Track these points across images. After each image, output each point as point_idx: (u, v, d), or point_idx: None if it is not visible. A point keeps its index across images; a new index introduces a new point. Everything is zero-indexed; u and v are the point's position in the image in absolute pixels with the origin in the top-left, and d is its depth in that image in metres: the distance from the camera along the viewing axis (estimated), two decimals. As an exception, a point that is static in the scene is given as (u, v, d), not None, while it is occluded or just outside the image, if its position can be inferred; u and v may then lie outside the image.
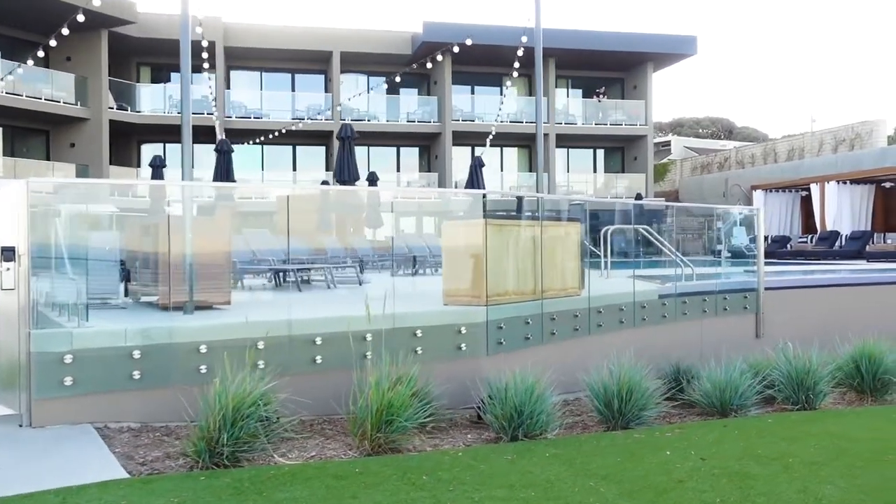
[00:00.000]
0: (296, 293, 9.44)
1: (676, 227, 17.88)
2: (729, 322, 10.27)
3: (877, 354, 7.11)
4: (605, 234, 12.15)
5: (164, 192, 7.96)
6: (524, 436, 5.31)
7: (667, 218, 16.78)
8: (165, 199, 8.18)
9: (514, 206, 14.76)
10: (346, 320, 6.11)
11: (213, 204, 10.20)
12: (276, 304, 9.39)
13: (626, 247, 22.71)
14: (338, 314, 6.37)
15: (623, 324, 8.72)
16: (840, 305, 11.14)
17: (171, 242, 6.36)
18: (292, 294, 9.42)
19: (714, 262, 13.54)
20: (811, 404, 6.67)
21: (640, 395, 5.85)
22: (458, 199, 11.78)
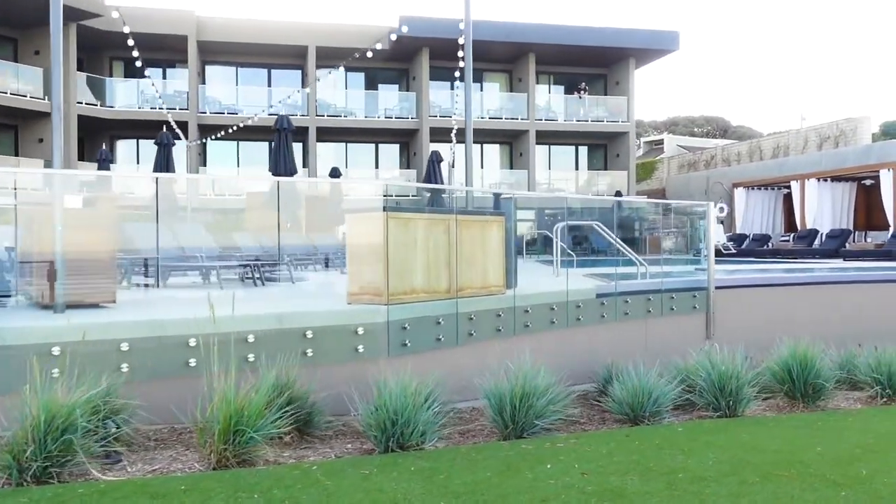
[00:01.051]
0: (215, 291, 8.98)
1: (638, 225, 17.45)
2: (677, 322, 9.82)
3: (809, 358, 6.66)
4: (556, 230, 11.71)
5: (52, 180, 7.48)
6: (398, 447, 4.87)
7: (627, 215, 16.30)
8: (46, 190, 7.70)
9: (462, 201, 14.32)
10: (229, 321, 5.68)
11: (94, 196, 9.74)
12: (171, 303, 8.83)
13: (580, 244, 22.39)
14: (221, 314, 5.92)
15: (555, 324, 8.27)
16: (798, 305, 10.70)
17: (43, 236, 5.92)
18: (201, 292, 8.93)
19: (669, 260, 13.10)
20: (733, 411, 6.23)
21: (536, 402, 5.40)
22: (366, 191, 11.26)
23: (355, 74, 30.66)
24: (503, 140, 31.63)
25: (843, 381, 7.57)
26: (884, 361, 7.04)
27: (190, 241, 9.74)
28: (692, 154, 38.98)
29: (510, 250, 8.18)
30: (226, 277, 10.63)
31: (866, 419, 6.11)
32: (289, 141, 11.31)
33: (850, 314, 10.67)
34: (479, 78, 31.45)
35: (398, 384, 5.14)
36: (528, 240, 25.04)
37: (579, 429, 6.11)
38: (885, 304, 10.96)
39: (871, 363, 7.09)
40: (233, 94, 29.13)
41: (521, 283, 9.15)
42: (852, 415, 6.33)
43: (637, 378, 6.09)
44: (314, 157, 28.34)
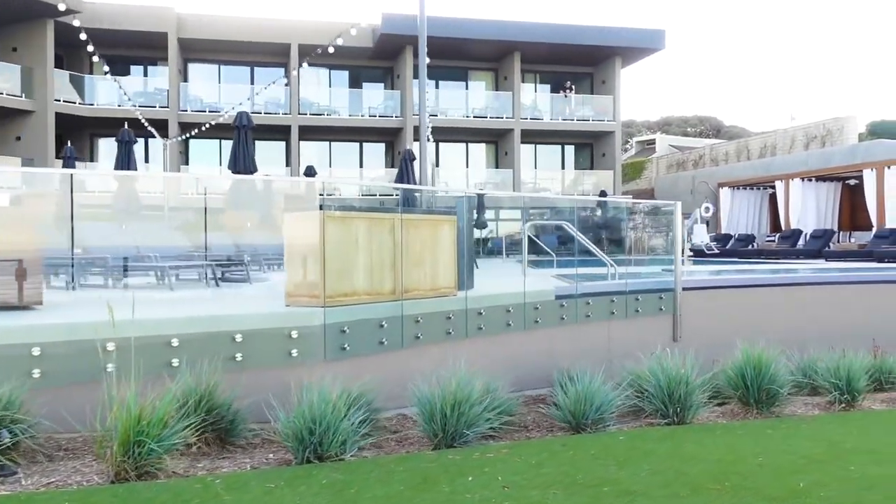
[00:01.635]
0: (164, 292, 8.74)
1: (615, 225, 17.24)
2: (642, 324, 9.59)
3: (764, 363, 6.43)
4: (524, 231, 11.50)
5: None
6: (317, 457, 4.62)
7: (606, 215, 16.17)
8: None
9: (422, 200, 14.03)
10: (155, 324, 5.44)
11: (24, 194, 9.47)
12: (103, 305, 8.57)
13: (565, 244, 22.10)
14: (149, 317, 5.66)
15: (511, 326, 8.03)
16: (769, 307, 10.47)
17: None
18: (144, 293, 8.68)
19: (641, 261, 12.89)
20: (682, 418, 6.00)
21: (469, 409, 5.16)
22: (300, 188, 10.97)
23: (339, 73, 30.39)
24: (489, 139, 31.40)
25: (804, 387, 7.36)
26: (843, 366, 6.82)
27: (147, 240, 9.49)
28: (681, 154, 38.82)
29: (464, 251, 7.95)
30: (187, 278, 10.39)
31: (819, 427, 5.88)
32: (248, 138, 11.07)
33: (822, 316, 10.45)
34: (464, 77, 31.25)
35: (321, 390, 4.89)
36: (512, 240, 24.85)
37: (524, 436, 5.88)
38: (858, 306, 10.74)
39: (830, 368, 6.86)
40: (215, 93, 28.83)
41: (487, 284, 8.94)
42: (806, 422, 6.11)
43: (582, 383, 5.84)
44: (297, 155, 28.06)
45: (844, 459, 4.86)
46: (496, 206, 27.44)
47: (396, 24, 27.15)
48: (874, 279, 10.89)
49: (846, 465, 4.72)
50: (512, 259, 20.29)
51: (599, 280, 9.79)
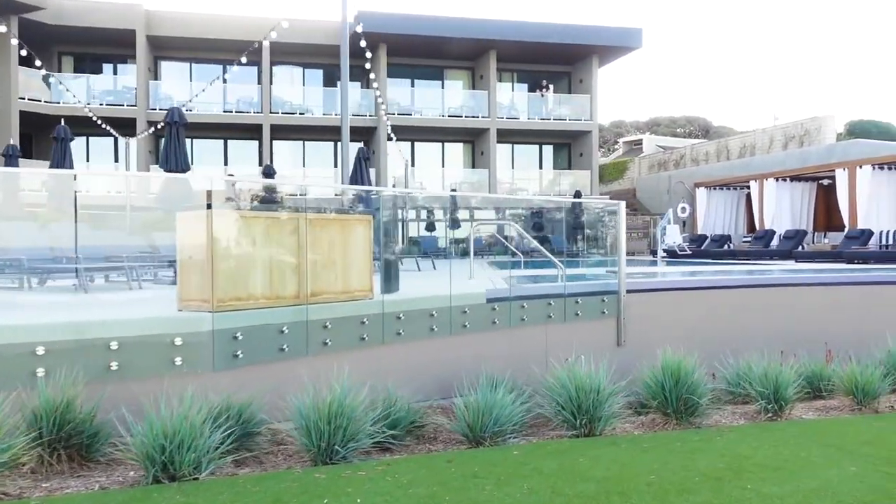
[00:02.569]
0: (78, 295, 8.37)
1: (565, 225, 16.91)
2: (584, 329, 9.23)
3: (683, 371, 6.10)
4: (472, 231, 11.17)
5: None
6: (169, 477, 4.27)
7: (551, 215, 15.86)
8: None
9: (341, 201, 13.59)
10: (14, 330, 5.08)
11: None
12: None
13: (543, 244, 21.75)
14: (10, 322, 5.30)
15: (435, 331, 7.67)
16: (718, 309, 10.14)
17: None
18: (43, 296, 8.31)
19: (587, 262, 12.56)
20: (591, 430, 5.66)
21: (348, 423, 4.81)
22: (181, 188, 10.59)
23: (313, 71, 30.01)
24: (465, 139, 31.06)
25: (738, 395, 7.04)
26: (771, 373, 6.49)
27: (59, 242, 9.10)
28: (662, 154, 38.57)
29: (386, 251, 7.61)
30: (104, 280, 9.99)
31: (735, 438, 5.54)
32: (180, 135, 10.68)
33: (773, 319, 10.12)
34: (440, 75, 30.92)
35: (181, 402, 4.54)
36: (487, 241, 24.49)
37: (426, 449, 5.55)
38: (811, 309, 10.42)
39: (759, 375, 6.53)
40: (186, 91, 28.41)
41: (415, 287, 8.59)
42: (723, 433, 5.77)
43: (483, 393, 5.50)
44: (268, 155, 27.67)
45: (744, 476, 4.53)
46: (448, 206, 26.95)
47: (371, 22, 26.75)
48: (828, 281, 10.58)
49: (743, 483, 4.39)
50: (480, 260, 19.92)
51: (548, 282, 9.49)
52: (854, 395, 6.76)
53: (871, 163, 19.13)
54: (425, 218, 25.70)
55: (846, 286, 10.38)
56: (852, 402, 6.81)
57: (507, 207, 24.02)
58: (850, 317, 10.23)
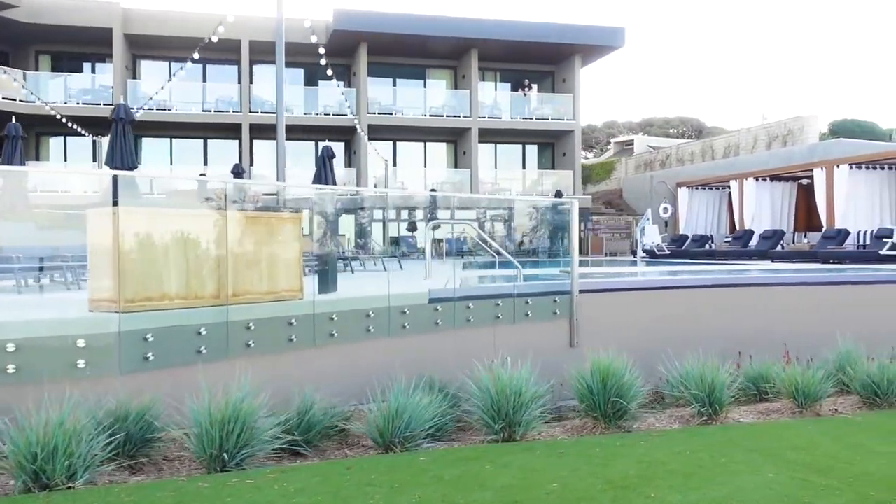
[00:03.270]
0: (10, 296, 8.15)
1: (524, 225, 16.71)
2: (535, 330, 9.02)
3: (612, 373, 5.90)
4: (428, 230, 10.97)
5: None
6: (41, 486, 4.05)
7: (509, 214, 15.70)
8: None
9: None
10: None
11: None
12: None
13: (519, 245, 21.56)
14: None
15: (372, 332, 7.46)
16: (679, 309, 9.94)
17: None
18: None
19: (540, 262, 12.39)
20: (511, 435, 5.46)
21: (244, 429, 4.60)
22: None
23: (294, 70, 29.75)
24: (448, 138, 30.85)
25: (679, 398, 6.84)
26: (707, 375, 6.29)
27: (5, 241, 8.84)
28: (649, 154, 38.43)
29: (324, 251, 7.40)
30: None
31: (660, 443, 5.35)
32: (126, 132, 10.46)
33: (730, 320, 9.93)
34: (421, 75, 30.71)
35: (60, 408, 4.32)
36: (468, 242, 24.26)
37: (342, 454, 5.34)
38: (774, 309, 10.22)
39: (695, 377, 6.33)
40: (165, 90, 28.14)
41: (356, 287, 8.40)
42: (651, 438, 5.57)
43: (396, 397, 5.29)
44: (248, 154, 27.45)
45: (652, 484, 4.33)
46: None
47: (349, 20, 26.60)
48: (789, 281, 10.39)
49: (649, 491, 4.20)
50: (445, 261, 19.60)
51: (507, 282, 9.30)
52: (795, 398, 6.57)
53: (848, 162, 18.97)
54: (380, 218, 25.56)
55: (807, 286, 10.19)
56: (794, 404, 6.62)
57: (458, 207, 23.80)
58: (811, 317, 10.03)
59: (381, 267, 14.97)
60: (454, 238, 25.30)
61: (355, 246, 17.02)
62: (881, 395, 6.70)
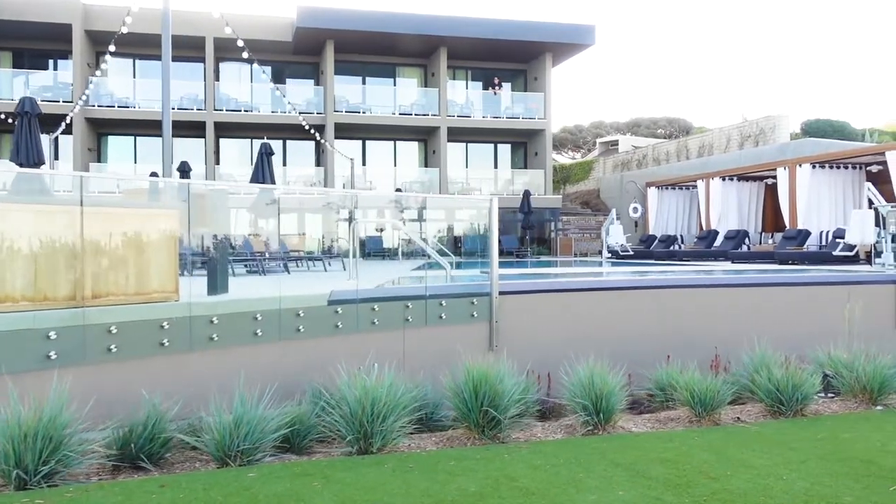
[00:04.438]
0: None
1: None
2: (450, 333, 8.65)
3: (485, 380, 5.54)
4: (352, 229, 10.60)
5: None
6: None
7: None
8: None
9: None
10: None
11: None
12: None
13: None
14: None
15: (260, 336, 7.08)
16: (607, 311, 9.59)
17: None
18: None
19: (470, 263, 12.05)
20: (369, 447, 5.09)
21: (50, 443, 4.23)
22: None
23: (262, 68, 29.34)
24: (418, 137, 30.50)
25: (579, 405, 6.48)
26: (596, 382, 5.94)
27: None
28: (626, 154, 38.17)
29: (211, 250, 7.02)
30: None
31: (524, 457, 4.99)
32: (32, 126, 10.06)
33: (665, 322, 9.59)
34: (391, 73, 30.34)
35: None
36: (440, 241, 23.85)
37: (188, 468, 4.97)
38: (706, 311, 9.89)
39: (583, 384, 5.98)
40: (129, 87, 27.74)
41: (251, 289, 8.02)
42: (518, 450, 5.21)
43: (237, 407, 4.92)
44: (212, 153, 27.04)
45: (484, 502, 3.97)
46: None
47: (314, 17, 26.20)
48: (722, 282, 10.06)
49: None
50: (376, 261, 19.24)
51: (433, 282, 8.94)
52: (692, 407, 6.22)
53: (810, 161, 18.67)
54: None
55: (740, 288, 9.86)
56: (692, 413, 6.27)
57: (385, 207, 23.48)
58: (744, 320, 9.70)
59: (322, 268, 14.62)
60: (379, 237, 24.72)
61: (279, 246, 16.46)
62: (785, 403, 6.36)
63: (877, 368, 6.77)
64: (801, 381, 6.41)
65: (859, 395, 6.85)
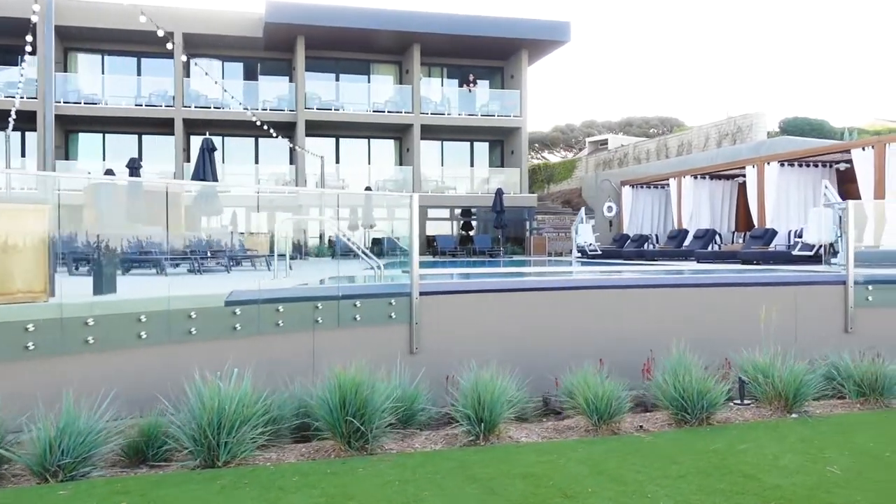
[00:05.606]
0: None
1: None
2: (366, 335, 8.26)
3: (354, 387, 5.16)
4: (280, 227, 10.24)
5: None
6: None
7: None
8: None
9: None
10: None
11: None
12: None
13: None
14: None
15: (145, 339, 6.69)
16: (540, 313, 9.20)
17: None
18: None
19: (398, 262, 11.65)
20: (215, 461, 4.71)
21: None
22: None
23: (234, 64, 28.98)
24: (393, 135, 30.13)
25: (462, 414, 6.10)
26: (481, 390, 5.56)
27: None
28: (607, 152, 37.84)
29: (102, 250, 6.63)
30: None
31: (381, 471, 4.61)
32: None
33: (600, 324, 9.19)
34: (366, 70, 29.96)
35: None
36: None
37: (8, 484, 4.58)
38: (644, 312, 9.50)
39: (465, 393, 5.60)
40: (98, 84, 27.33)
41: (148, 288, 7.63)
42: (376, 464, 4.83)
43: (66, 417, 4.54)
44: (180, 151, 26.64)
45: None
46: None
47: (283, 13, 25.82)
48: (662, 283, 9.68)
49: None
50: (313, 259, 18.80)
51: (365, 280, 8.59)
52: (588, 415, 5.84)
53: (778, 159, 18.31)
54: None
55: (679, 288, 9.48)
56: (588, 422, 5.89)
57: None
58: (681, 322, 9.31)
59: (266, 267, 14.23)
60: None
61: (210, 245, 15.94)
62: (690, 411, 5.98)
63: (792, 374, 6.40)
64: (708, 388, 6.03)
65: (774, 403, 6.48)
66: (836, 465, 4.79)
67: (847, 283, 10.26)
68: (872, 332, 10.09)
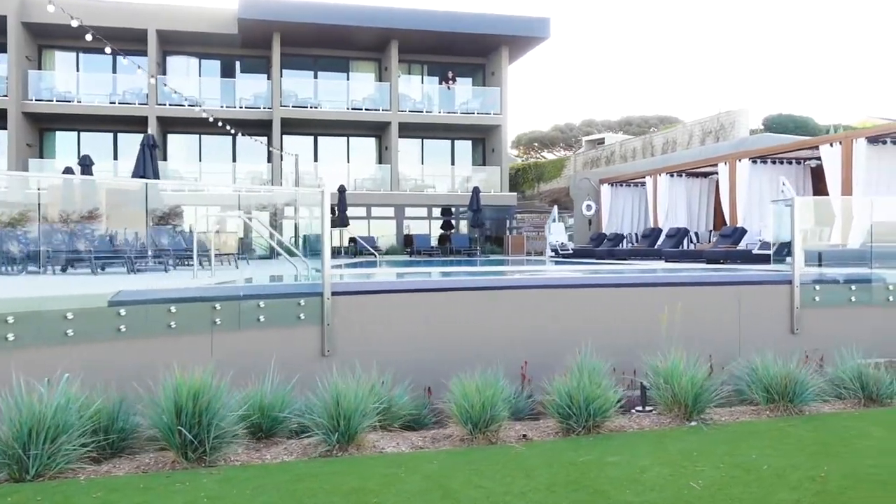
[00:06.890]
0: None
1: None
2: (272, 337, 7.90)
3: (197, 396, 4.81)
4: (198, 227, 9.88)
5: None
6: None
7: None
8: None
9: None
10: None
11: None
12: None
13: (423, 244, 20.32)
14: None
15: (11, 341, 6.34)
16: (457, 314, 8.79)
17: None
18: None
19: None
20: (23, 475, 4.35)
21: None
22: None
23: (210, 62, 28.68)
24: (373, 133, 29.77)
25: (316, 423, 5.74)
26: (340, 399, 5.20)
27: None
28: (594, 151, 37.43)
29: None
30: None
31: (205, 485, 4.26)
32: None
33: (520, 325, 8.80)
34: (345, 67, 29.62)
35: None
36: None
37: None
38: (564, 313, 9.07)
39: (324, 401, 5.25)
40: (73, 81, 27.07)
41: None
42: (203, 478, 4.47)
43: None
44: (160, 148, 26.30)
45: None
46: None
47: (258, 9, 25.50)
48: (586, 283, 9.30)
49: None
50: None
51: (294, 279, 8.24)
52: (463, 423, 5.47)
53: (749, 156, 17.89)
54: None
55: (600, 288, 9.08)
56: (464, 430, 5.52)
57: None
58: (599, 323, 8.89)
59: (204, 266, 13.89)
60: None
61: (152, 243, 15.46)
62: (575, 419, 5.60)
63: (692, 380, 6.01)
64: (596, 395, 5.65)
65: (675, 410, 6.09)
66: (701, 479, 4.41)
67: (793, 283, 9.88)
68: (820, 333, 9.70)
